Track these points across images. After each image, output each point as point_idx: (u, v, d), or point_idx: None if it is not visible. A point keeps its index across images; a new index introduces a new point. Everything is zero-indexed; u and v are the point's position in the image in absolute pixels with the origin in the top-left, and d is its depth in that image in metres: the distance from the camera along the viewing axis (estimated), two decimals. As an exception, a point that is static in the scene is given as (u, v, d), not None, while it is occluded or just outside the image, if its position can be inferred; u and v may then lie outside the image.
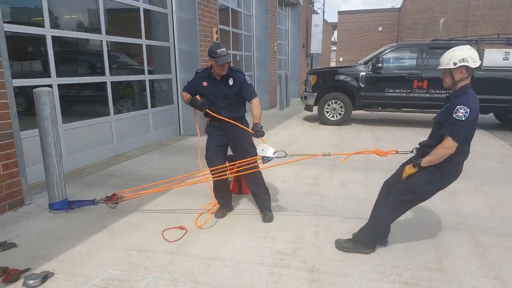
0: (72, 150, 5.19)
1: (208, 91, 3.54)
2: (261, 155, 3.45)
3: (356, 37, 36.85)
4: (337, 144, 7.15)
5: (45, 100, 3.57)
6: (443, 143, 2.60)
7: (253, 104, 3.58)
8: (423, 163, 2.69)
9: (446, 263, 2.85)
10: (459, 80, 2.64)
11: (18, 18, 4.80)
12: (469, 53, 2.59)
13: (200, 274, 2.68)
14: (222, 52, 3.30)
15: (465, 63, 2.57)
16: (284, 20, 16.16)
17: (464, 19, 28.90)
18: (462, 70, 2.61)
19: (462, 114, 2.51)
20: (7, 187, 3.75)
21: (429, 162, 2.67)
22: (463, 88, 2.65)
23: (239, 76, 3.55)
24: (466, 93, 2.62)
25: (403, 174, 2.81)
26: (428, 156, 2.68)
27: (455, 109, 2.54)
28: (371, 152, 3.18)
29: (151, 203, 3.99)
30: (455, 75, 2.63)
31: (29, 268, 2.70)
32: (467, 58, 2.57)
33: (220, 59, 3.32)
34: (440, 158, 2.62)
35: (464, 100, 2.57)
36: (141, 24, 6.65)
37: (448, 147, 2.57)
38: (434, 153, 2.64)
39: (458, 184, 4.59)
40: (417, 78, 8.55)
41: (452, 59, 2.61)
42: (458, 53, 2.60)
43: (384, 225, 2.96)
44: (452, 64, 2.60)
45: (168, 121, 7.62)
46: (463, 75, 2.62)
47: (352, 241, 3.01)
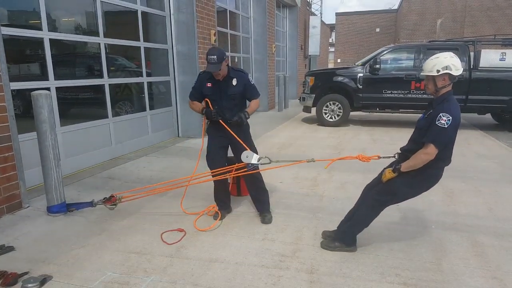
0: (71, 153, 5.18)
1: (212, 92, 3.53)
2: (245, 162, 3.46)
3: (353, 39, 36.91)
4: (335, 145, 7.16)
5: (43, 103, 3.56)
6: (423, 148, 2.64)
7: (254, 103, 3.63)
8: (403, 168, 2.73)
9: (444, 264, 2.86)
10: (441, 87, 2.67)
11: (16, 21, 4.80)
12: (452, 61, 2.62)
13: (199, 276, 2.68)
14: (211, 60, 3.27)
15: (448, 70, 2.61)
16: (282, 22, 16.19)
17: (461, 20, 28.99)
18: (444, 78, 2.64)
19: (444, 122, 2.56)
20: (5, 191, 3.74)
21: (409, 167, 2.71)
22: (445, 95, 2.69)
23: (243, 77, 3.55)
24: (448, 101, 2.66)
25: (383, 178, 2.85)
26: (408, 161, 2.72)
27: (438, 117, 2.58)
28: (354, 157, 3.20)
29: (150, 205, 3.99)
30: (437, 82, 2.67)
31: (27, 271, 2.70)
32: (450, 65, 2.61)
33: (208, 66, 3.32)
34: (420, 163, 2.66)
35: (446, 107, 2.61)
36: (139, 26, 6.65)
37: (428, 152, 2.61)
38: (414, 158, 2.68)
39: (456, 185, 4.64)
40: (414, 79, 8.57)
41: (435, 66, 2.64)
42: (442, 60, 2.63)
43: (365, 225, 2.98)
44: (435, 72, 2.64)
45: (167, 123, 7.62)
46: (445, 82, 2.65)
47: (336, 240, 3.05)
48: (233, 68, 3.55)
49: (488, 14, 28.05)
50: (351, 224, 3.01)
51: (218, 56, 3.26)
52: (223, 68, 3.36)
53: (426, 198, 4.13)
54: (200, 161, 3.75)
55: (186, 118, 7.90)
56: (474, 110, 8.73)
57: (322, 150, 6.68)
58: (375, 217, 2.95)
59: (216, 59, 3.25)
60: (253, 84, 3.63)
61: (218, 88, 3.51)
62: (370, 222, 2.96)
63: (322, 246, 3.08)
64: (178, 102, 7.83)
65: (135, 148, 6.56)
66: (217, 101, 3.55)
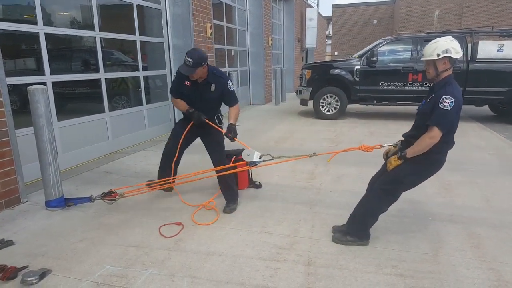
0: (68, 148, 5.18)
1: (189, 92, 3.54)
2: (247, 160, 3.50)
3: (350, 31, 36.80)
4: (333, 138, 7.18)
5: (40, 98, 3.55)
6: (428, 132, 2.64)
7: (234, 109, 3.62)
8: (408, 154, 2.73)
9: (441, 255, 2.88)
10: (442, 71, 2.69)
11: (11, 15, 4.76)
12: (452, 44, 2.64)
13: (197, 269, 2.70)
14: (187, 61, 3.24)
15: (448, 54, 2.62)
16: (278, 14, 16.11)
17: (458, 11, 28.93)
18: (445, 61, 2.66)
19: (448, 104, 2.56)
20: (3, 185, 3.75)
21: (414, 153, 2.70)
22: (447, 79, 2.70)
23: (222, 83, 3.52)
24: (450, 84, 2.67)
25: (388, 166, 2.84)
26: (413, 147, 2.71)
27: (441, 99, 2.59)
28: (356, 148, 3.22)
29: (148, 199, 4.00)
30: (438, 66, 2.68)
31: (27, 265, 2.71)
32: (450, 49, 2.62)
33: (182, 65, 3.29)
34: (425, 148, 2.66)
35: (449, 90, 2.61)
36: (135, 20, 6.61)
37: (433, 136, 2.62)
38: (418, 143, 2.68)
39: (453, 177, 4.67)
40: (412, 71, 8.57)
41: (435, 50, 2.65)
42: (442, 44, 2.64)
43: (374, 216, 2.98)
44: (436, 55, 2.65)
45: (163, 117, 7.61)
46: (446, 65, 2.67)
47: (348, 234, 3.03)
48: (214, 72, 3.50)
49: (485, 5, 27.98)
50: (361, 217, 2.99)
51: (195, 61, 3.23)
52: (198, 73, 3.34)
53: (422, 190, 4.15)
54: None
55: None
56: (471, 102, 8.73)
57: (319, 143, 6.70)
58: (385, 209, 2.95)
59: (191, 63, 3.23)
60: (232, 91, 3.59)
61: (196, 89, 3.51)
62: (380, 214, 2.97)
63: (333, 240, 3.06)
64: (175, 96, 7.80)
65: (132, 143, 6.56)
66: (193, 102, 3.58)
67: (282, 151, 6.06)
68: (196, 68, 3.27)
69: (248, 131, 7.96)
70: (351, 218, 3.11)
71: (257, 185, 4.42)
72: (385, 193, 2.89)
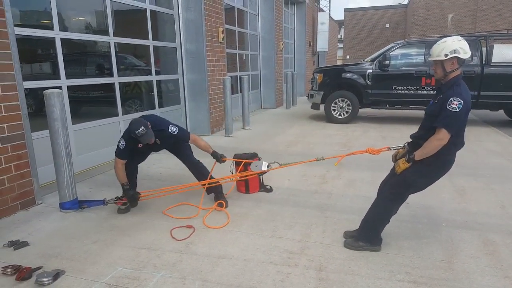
0: (82, 150, 5.26)
1: (143, 150, 3.87)
2: (255, 171, 3.68)
3: (362, 35, 36.61)
4: (344, 142, 7.13)
5: (55, 102, 3.62)
6: (436, 134, 2.60)
7: (194, 142, 3.87)
8: (417, 156, 2.69)
9: (455, 262, 2.83)
10: (450, 71, 2.65)
11: (28, 21, 4.86)
12: (460, 44, 2.60)
13: (208, 273, 2.71)
14: (141, 132, 3.44)
15: (456, 54, 2.59)
16: (290, 19, 16.13)
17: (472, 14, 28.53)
18: (453, 61, 2.62)
19: (456, 106, 2.52)
20: (19, 187, 3.82)
21: (422, 155, 2.67)
22: (455, 79, 2.66)
23: (163, 134, 3.74)
24: (458, 84, 2.62)
25: (397, 169, 2.80)
26: (422, 149, 2.68)
27: (449, 101, 2.54)
28: (363, 152, 3.19)
29: (159, 201, 4.03)
30: (446, 66, 2.65)
31: (41, 266, 2.76)
32: (458, 49, 2.59)
33: (142, 139, 3.50)
34: (433, 150, 2.63)
35: (457, 91, 2.58)
36: (148, 25, 6.69)
37: (441, 138, 2.58)
38: (427, 146, 2.64)
39: (468, 182, 4.59)
40: (425, 75, 8.48)
41: (443, 50, 2.62)
42: (449, 44, 2.61)
43: (385, 220, 2.95)
44: (444, 56, 2.62)
45: (175, 121, 7.57)
46: (454, 66, 2.63)
47: (360, 240, 3.01)
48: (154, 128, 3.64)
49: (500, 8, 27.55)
50: (372, 222, 2.97)
51: (144, 126, 3.46)
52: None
53: (436, 195, 4.11)
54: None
55: (195, 115, 7.95)
56: (486, 107, 8.59)
57: (330, 147, 6.66)
58: (395, 212, 2.92)
59: (144, 129, 3.44)
60: (177, 133, 3.80)
61: (147, 147, 3.82)
62: (390, 217, 2.94)
63: (345, 246, 3.04)
64: (186, 100, 7.87)
65: (145, 146, 6.61)
66: (146, 156, 4.08)
67: (293, 155, 6.06)
68: (150, 130, 3.53)
69: (259, 135, 7.98)
70: (362, 223, 3.08)
71: (268, 189, 4.42)
72: (394, 197, 2.87)
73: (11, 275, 2.65)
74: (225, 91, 7.62)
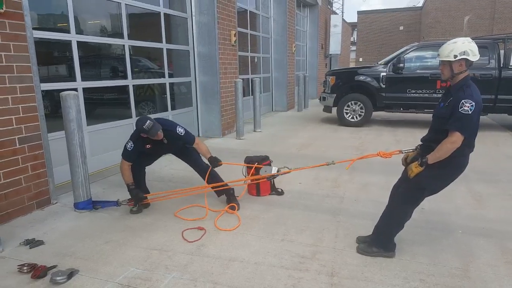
0: (96, 151, 5.33)
1: (150, 151, 3.88)
2: (264, 175, 3.71)
3: (376, 37, 36.29)
4: (357, 146, 7.07)
5: (71, 104, 3.68)
6: (449, 137, 2.56)
7: (197, 145, 3.91)
8: (430, 160, 2.65)
9: (472, 270, 2.77)
10: (458, 73, 2.62)
11: (45, 24, 4.96)
12: (470, 46, 2.57)
13: (219, 275, 2.71)
14: (149, 125, 3.50)
15: (465, 56, 2.55)
16: (302, 21, 16.11)
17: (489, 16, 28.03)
18: (461, 63, 2.59)
19: (468, 108, 2.48)
20: (35, 187, 3.89)
21: (436, 158, 2.63)
22: (464, 81, 2.62)
23: (171, 134, 3.78)
24: (468, 86, 2.59)
25: (410, 174, 2.75)
26: (435, 152, 2.63)
27: (460, 103, 2.51)
28: (374, 155, 3.15)
29: (171, 203, 4.05)
30: (454, 67, 2.61)
31: (55, 265, 2.81)
32: (467, 51, 2.55)
33: (151, 132, 3.54)
34: (447, 153, 2.58)
35: (467, 93, 2.54)
36: (162, 28, 6.76)
37: (455, 141, 2.54)
38: (440, 149, 2.60)
39: (485, 188, 4.50)
40: (440, 79, 8.34)
41: (453, 51, 2.58)
42: (459, 46, 2.57)
43: (399, 226, 2.91)
44: (453, 57, 2.58)
45: (187, 123, 7.71)
46: (462, 67, 2.60)
47: (374, 245, 2.97)
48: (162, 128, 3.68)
49: (518, 10, 27.02)
50: (386, 227, 2.93)
51: (150, 119, 3.56)
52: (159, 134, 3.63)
53: (452, 201, 4.04)
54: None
55: (206, 118, 7.99)
56: (504, 111, 8.41)
57: (343, 151, 6.61)
58: (409, 217, 2.88)
59: (151, 122, 3.53)
60: (183, 134, 3.84)
61: (156, 147, 3.84)
62: (405, 222, 2.90)
63: (358, 251, 3.00)
64: (198, 102, 7.92)
65: (158, 147, 6.66)
66: (153, 157, 4.15)
67: (304, 158, 6.03)
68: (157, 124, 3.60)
69: (270, 137, 7.97)
70: (375, 228, 3.04)
71: (279, 192, 4.41)
72: (408, 201, 2.83)
73: (27, 273, 2.71)
74: (237, 94, 7.64)
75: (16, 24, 3.63)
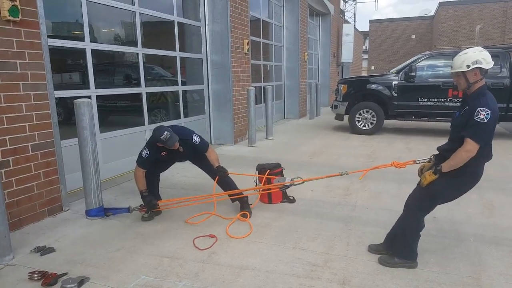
0: (109, 159, 5.38)
1: (165, 159, 3.90)
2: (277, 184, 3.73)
3: (388, 46, 36.20)
4: (369, 154, 7.00)
5: (85, 111, 3.73)
6: (464, 146, 2.53)
7: (209, 153, 3.89)
8: (444, 168, 2.61)
9: (484, 279, 2.71)
10: (474, 82, 2.60)
11: (60, 32, 5.05)
12: (482, 55, 2.57)
13: (230, 283, 2.69)
14: (166, 137, 3.53)
15: (478, 64, 2.55)
16: (314, 30, 16.16)
17: (501, 25, 27.76)
18: (476, 72, 2.57)
19: (483, 116, 2.47)
20: (47, 194, 3.92)
21: (450, 167, 2.59)
22: (480, 90, 2.61)
23: (188, 143, 3.80)
24: (484, 95, 2.57)
25: (423, 182, 2.72)
26: (449, 161, 2.60)
27: (476, 112, 2.49)
28: (388, 165, 3.12)
29: (183, 210, 4.05)
30: (469, 77, 2.60)
31: (66, 272, 2.81)
32: (480, 59, 2.55)
33: (168, 143, 3.57)
34: (461, 162, 2.55)
35: (483, 102, 2.52)
36: (175, 36, 6.85)
37: (469, 150, 2.51)
38: (455, 157, 2.57)
39: (497, 197, 4.41)
40: (452, 87, 8.25)
41: (465, 61, 2.58)
42: (471, 55, 2.57)
43: (416, 234, 2.86)
44: (466, 67, 2.57)
45: (200, 130, 7.70)
46: (477, 77, 2.58)
47: (396, 256, 2.90)
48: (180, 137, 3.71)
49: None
50: (404, 237, 2.87)
51: (168, 131, 3.57)
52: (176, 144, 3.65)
53: (463, 210, 3.97)
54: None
55: (219, 125, 8.02)
56: None
57: (354, 159, 6.56)
58: (422, 225, 2.85)
59: (168, 134, 3.55)
60: (198, 143, 3.84)
61: (171, 155, 3.86)
62: (420, 231, 2.86)
63: (380, 262, 2.93)
64: (211, 110, 7.97)
65: (169, 155, 6.70)
66: (168, 165, 4.16)
67: (316, 166, 6.00)
68: (175, 135, 3.61)
69: (282, 145, 7.95)
70: (388, 236, 3.00)
71: (291, 199, 4.38)
72: (422, 209, 2.80)
73: (37, 281, 2.70)
74: (249, 102, 7.67)
75: (32, 33, 3.69)
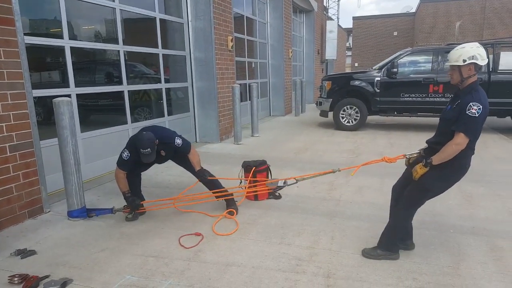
0: (90, 158, 5.29)
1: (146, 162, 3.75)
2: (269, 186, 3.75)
3: (371, 42, 36.62)
4: (353, 149, 7.09)
5: (64, 110, 3.64)
6: (454, 139, 2.59)
7: (191, 155, 3.86)
8: (434, 161, 2.67)
9: (462, 268, 2.81)
10: (467, 77, 2.65)
11: (38, 29, 4.92)
12: (478, 51, 2.61)
13: (216, 280, 2.69)
14: (146, 152, 3.47)
15: (474, 60, 2.59)
16: (298, 27, 16.20)
17: (480, 22, 28.42)
18: (470, 67, 2.62)
19: (475, 111, 2.53)
20: (27, 196, 3.83)
21: (441, 159, 2.65)
22: (473, 85, 2.66)
23: (170, 146, 3.74)
24: (476, 90, 2.63)
25: (414, 175, 2.76)
26: (439, 153, 2.66)
27: (468, 106, 2.55)
28: (379, 160, 3.17)
29: (168, 209, 4.03)
30: (463, 72, 2.64)
31: (48, 275, 2.76)
32: (476, 55, 2.59)
33: (144, 158, 3.54)
34: (451, 154, 2.61)
35: (475, 97, 2.58)
36: (158, 33, 6.77)
37: (460, 143, 2.57)
38: (445, 150, 2.63)
39: (475, 189, 4.54)
40: (432, 83, 8.44)
41: (461, 56, 2.62)
42: (468, 50, 2.61)
43: (403, 227, 2.92)
44: (462, 61, 2.62)
45: (184, 128, 7.70)
46: (471, 72, 2.63)
47: (379, 248, 2.96)
48: (160, 141, 3.65)
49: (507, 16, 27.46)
50: (393, 230, 2.93)
51: (152, 148, 3.49)
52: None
53: (444, 202, 4.06)
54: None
55: (204, 123, 7.98)
56: (493, 113, 8.49)
57: (339, 155, 6.62)
58: (412, 218, 2.91)
59: (150, 151, 3.48)
60: (180, 146, 3.78)
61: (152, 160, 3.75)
62: (408, 224, 2.92)
63: (363, 255, 2.99)
64: (195, 108, 7.92)
65: (153, 154, 6.63)
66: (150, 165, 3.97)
67: (302, 163, 6.03)
68: (155, 150, 3.56)
69: (268, 142, 7.97)
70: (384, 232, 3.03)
71: (277, 196, 4.39)
72: (413, 202, 2.85)
73: (18, 284, 2.64)
74: (234, 99, 7.65)
75: (6, 30, 3.57)
